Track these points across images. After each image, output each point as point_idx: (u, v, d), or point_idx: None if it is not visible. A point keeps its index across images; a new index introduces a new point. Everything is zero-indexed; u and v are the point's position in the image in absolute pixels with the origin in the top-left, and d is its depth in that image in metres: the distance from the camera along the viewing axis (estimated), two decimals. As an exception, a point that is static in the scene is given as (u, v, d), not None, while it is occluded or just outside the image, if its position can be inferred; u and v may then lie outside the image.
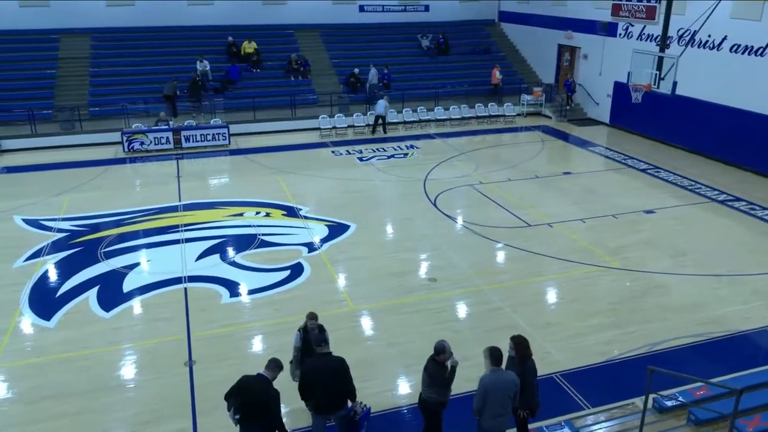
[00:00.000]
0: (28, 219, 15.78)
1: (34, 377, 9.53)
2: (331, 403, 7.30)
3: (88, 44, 27.11)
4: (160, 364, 9.82)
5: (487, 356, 6.89)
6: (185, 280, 12.54)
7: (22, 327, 10.94)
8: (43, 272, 12.95)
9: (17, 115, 23.08)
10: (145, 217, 15.92)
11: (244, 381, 7.02)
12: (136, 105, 24.24)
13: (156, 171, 20.48)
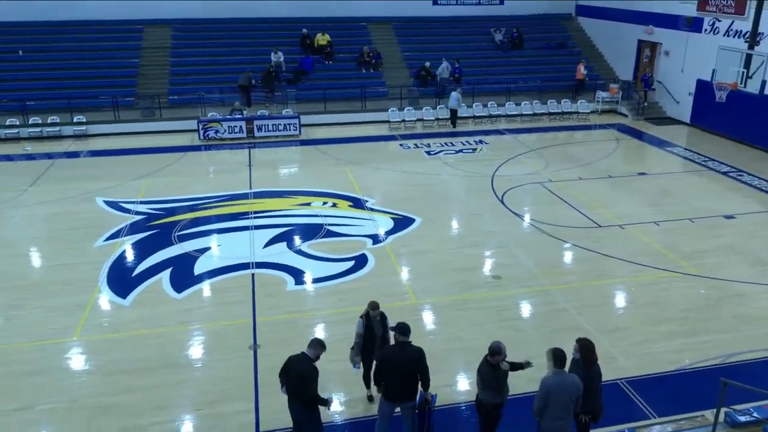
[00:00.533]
0: (109, 201, 16.57)
1: (110, 352, 10.01)
2: (404, 392, 7.41)
3: (170, 35, 28.13)
4: (226, 346, 10.13)
5: (550, 357, 6.76)
6: (253, 266, 12.86)
7: (100, 303, 11.51)
8: (121, 252, 13.57)
9: (102, 102, 24.23)
10: (217, 204, 16.42)
11: (289, 360, 7.31)
12: (213, 94, 24.98)
13: (229, 159, 21.06)
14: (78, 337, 10.37)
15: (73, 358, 9.90)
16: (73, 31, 27.32)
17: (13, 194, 17.05)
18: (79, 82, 25.11)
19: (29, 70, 25.37)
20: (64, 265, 12.97)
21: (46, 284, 12.27)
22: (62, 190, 17.43)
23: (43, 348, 10.07)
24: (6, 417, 8.48)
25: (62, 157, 20.88)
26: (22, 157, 20.98)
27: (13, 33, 26.65)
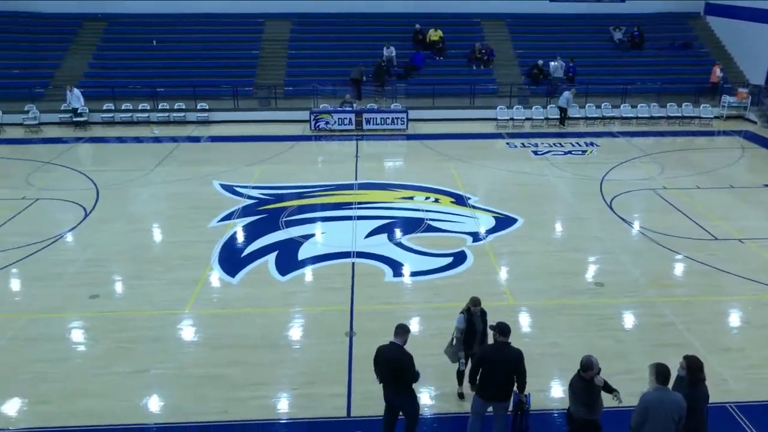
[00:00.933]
0: (224, 184, 17.46)
1: (217, 326, 10.59)
2: (499, 392, 7.39)
3: (289, 28, 29.16)
4: (324, 331, 10.43)
5: (653, 373, 6.42)
6: (354, 255, 13.13)
7: (211, 280, 12.18)
8: (233, 233, 14.28)
9: (224, 91, 25.54)
10: (324, 193, 16.88)
11: (379, 350, 7.47)
12: (325, 87, 25.65)
13: (337, 150, 21.56)
14: (189, 310, 11.04)
15: (184, 329, 10.55)
16: (200, 23, 28.95)
17: (141, 173, 18.37)
18: (204, 72, 26.61)
19: (161, 59, 27.18)
20: (182, 242, 13.84)
21: (166, 258, 13.15)
22: (184, 172, 18.58)
23: (160, 317, 10.81)
24: (124, 377, 9.20)
25: (185, 141, 22.24)
26: (151, 139, 22.54)
27: (149, 24, 28.65)
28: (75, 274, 12.31)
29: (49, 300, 11.34)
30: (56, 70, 26.56)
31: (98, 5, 28.90)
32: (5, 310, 11.04)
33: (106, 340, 10.15)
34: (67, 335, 10.35)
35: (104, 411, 8.47)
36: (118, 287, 12.07)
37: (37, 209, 15.67)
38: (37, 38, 28.03)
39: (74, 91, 23.44)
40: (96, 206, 15.83)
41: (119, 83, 25.42)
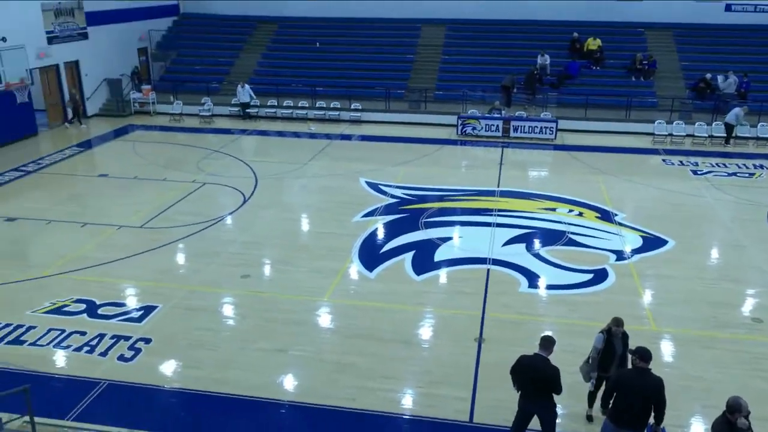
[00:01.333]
0: (370, 182, 18.01)
1: (352, 317, 10.96)
2: (634, 420, 6.99)
3: (443, 33, 29.38)
4: (453, 334, 10.42)
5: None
6: (489, 262, 12.98)
7: (350, 272, 12.63)
8: (374, 230, 14.69)
9: (377, 93, 26.32)
10: (465, 197, 16.84)
11: (524, 360, 7.35)
12: (475, 92, 25.54)
13: (482, 156, 21.40)
14: (328, 299, 11.53)
15: (322, 315, 11.04)
16: (361, 27, 30.04)
17: (296, 166, 19.46)
18: (360, 73, 27.58)
19: (322, 60, 28.56)
20: (327, 233, 14.48)
21: (311, 247, 13.84)
22: (334, 167, 19.41)
23: (301, 302, 11.40)
24: (266, 354, 9.82)
25: (338, 138, 23.21)
26: (307, 135, 23.78)
27: (315, 27, 30.22)
28: (231, 254, 13.34)
29: (208, 275, 12.38)
30: (231, 67, 28.88)
31: (271, 9, 30.98)
32: (171, 279, 12.22)
33: (253, 318, 10.89)
34: (220, 309, 11.24)
35: (246, 383, 9.10)
36: (267, 270, 12.90)
37: (204, 192, 17.16)
38: (217, 38, 30.65)
39: (245, 87, 25.34)
40: (254, 193, 17.01)
41: (283, 81, 27.07)
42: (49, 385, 9.04)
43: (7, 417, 7.86)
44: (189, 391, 8.95)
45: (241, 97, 25.37)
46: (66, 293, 11.54)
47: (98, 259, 12.98)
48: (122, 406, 8.67)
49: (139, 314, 10.87)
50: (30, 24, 22.02)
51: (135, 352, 9.79)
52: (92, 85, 25.72)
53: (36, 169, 19.11)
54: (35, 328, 10.41)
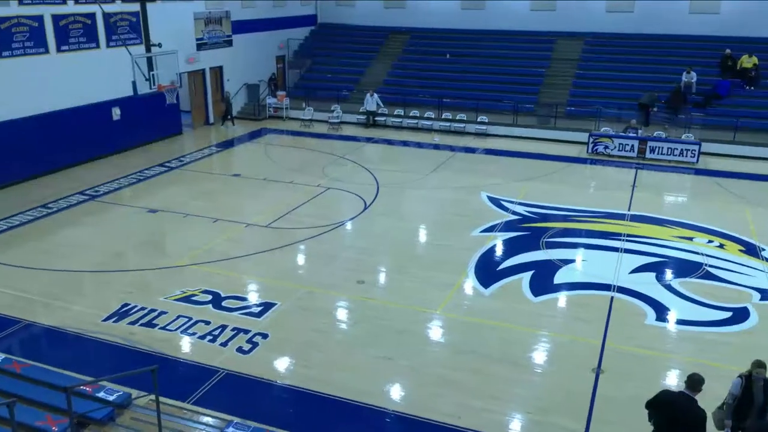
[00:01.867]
0: (491, 197, 17.79)
1: (462, 332, 10.87)
2: None
3: (580, 47, 28.46)
4: (569, 361, 10.02)
5: None
6: (614, 289, 12.36)
7: (464, 287, 12.54)
8: (492, 246, 14.48)
9: (505, 106, 25.99)
10: (591, 218, 16.17)
11: (666, 396, 6.91)
12: (609, 109, 24.50)
13: (613, 176, 20.48)
14: (440, 312, 11.51)
15: (432, 328, 11.04)
16: (493, 39, 29.80)
17: (418, 176, 19.66)
18: (489, 86, 27.37)
19: (450, 71, 28.67)
20: (443, 246, 14.48)
21: (426, 258, 13.92)
22: (455, 180, 19.39)
23: (413, 313, 11.47)
24: (374, 361, 9.98)
25: (461, 150, 23.17)
26: (431, 146, 23.96)
27: (446, 38, 30.43)
28: (348, 259, 13.71)
29: (324, 278, 12.81)
30: (361, 76, 29.78)
31: (404, 20, 31.62)
32: (290, 279, 12.76)
33: (365, 323, 11.11)
34: (334, 312, 11.58)
35: (352, 387, 9.29)
36: (381, 277, 13.14)
37: (327, 197, 17.79)
38: (350, 47, 31.77)
39: (374, 96, 26.03)
40: (375, 201, 17.38)
41: (411, 91, 27.48)
42: (173, 368, 9.75)
43: (135, 393, 8.58)
44: (298, 389, 9.28)
45: (368, 106, 26.08)
46: (196, 283, 12.41)
47: (226, 253, 13.85)
48: (237, 395, 9.16)
49: (259, 310, 11.46)
50: (183, 31, 24.01)
51: (252, 346, 10.32)
52: (232, 89, 27.54)
53: (178, 165, 20.76)
54: (166, 313, 11.28)
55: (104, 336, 10.57)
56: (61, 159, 19.66)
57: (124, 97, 20.90)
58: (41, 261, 13.43)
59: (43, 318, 11.17)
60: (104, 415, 7.96)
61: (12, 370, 8.90)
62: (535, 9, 29.44)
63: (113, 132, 21.53)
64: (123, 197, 17.69)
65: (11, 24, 17.74)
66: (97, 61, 20.52)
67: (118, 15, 21.23)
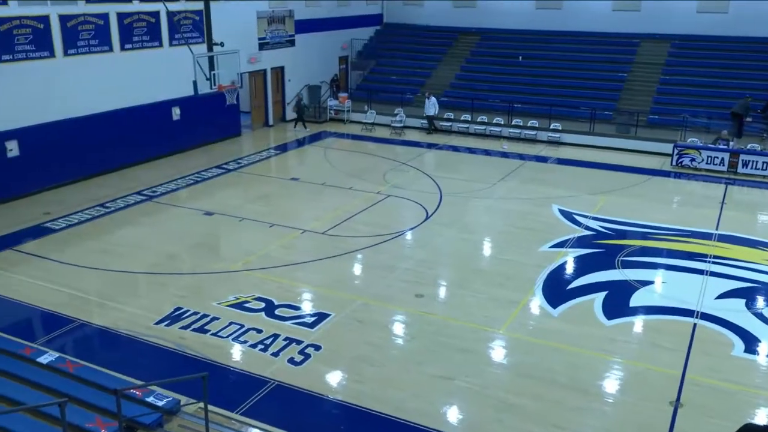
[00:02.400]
0: (563, 210, 17.44)
1: (527, 354, 10.67)
2: None
3: (666, 50, 27.63)
4: (643, 391, 9.68)
5: None
6: (697, 316, 11.88)
7: (531, 306, 12.31)
8: (562, 263, 14.18)
9: (580, 113, 25.48)
10: (673, 237, 15.62)
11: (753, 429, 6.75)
12: (698, 119, 23.66)
13: (699, 192, 19.76)
14: (504, 331, 11.34)
15: (495, 348, 10.89)
16: (570, 41, 29.33)
17: (484, 186, 19.49)
18: (563, 91, 26.92)
19: (522, 75, 28.36)
20: (508, 261, 14.29)
21: (490, 273, 13.75)
22: (524, 191, 19.13)
23: (474, 330, 11.35)
24: (431, 380, 9.92)
25: (532, 159, 22.85)
26: (499, 153, 23.73)
27: (519, 40, 30.15)
28: (407, 271, 13.70)
29: (381, 289, 12.84)
30: (427, 78, 29.84)
31: (475, 20, 31.53)
32: (345, 289, 12.86)
33: (422, 339, 11.07)
34: (390, 325, 11.59)
35: (407, 406, 9.25)
36: (441, 291, 13.07)
37: (387, 204, 17.86)
38: (416, 49, 31.89)
39: (431, 99, 26.03)
40: (437, 210, 17.33)
41: (479, 96, 27.33)
42: (223, 376, 9.97)
43: (184, 400, 8.82)
44: (349, 405, 9.32)
45: (427, 110, 26.06)
46: (249, 289, 12.68)
47: (281, 260, 14.10)
48: (286, 408, 9.28)
49: (312, 320, 11.59)
50: (245, 30, 24.71)
51: (304, 357, 10.44)
52: (294, 90, 28.10)
53: (236, 168, 21.31)
54: (218, 319, 11.57)
55: (155, 339, 10.93)
56: (120, 158, 20.52)
57: (185, 97, 21.62)
58: (98, 260, 14.02)
59: (96, 318, 11.65)
60: (153, 420, 8.22)
61: (65, 369, 9.32)
62: (617, 9, 28.81)
63: (172, 132, 22.32)
64: (180, 198, 18.29)
65: (77, 22, 18.70)
66: (159, 60, 21.37)
67: (182, 13, 22.05)
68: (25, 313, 11.93)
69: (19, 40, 17.25)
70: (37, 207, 17.16)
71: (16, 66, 17.26)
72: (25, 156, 17.71)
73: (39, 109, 17.89)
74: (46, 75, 18.05)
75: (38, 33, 17.69)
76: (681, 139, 22.75)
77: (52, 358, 9.60)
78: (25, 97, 17.53)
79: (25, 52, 17.45)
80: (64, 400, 7.38)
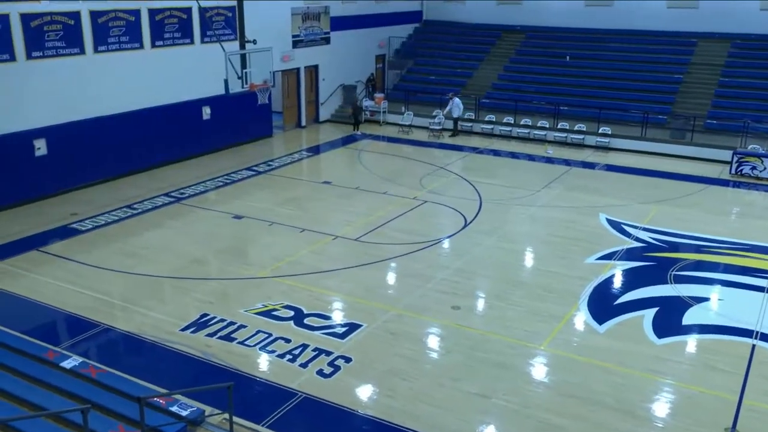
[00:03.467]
0: (611, 219, 17.20)
1: (570, 372, 10.53)
2: None
3: (726, 51, 27.11)
4: (696, 416, 9.47)
5: None
6: (756, 336, 11.58)
7: (575, 321, 12.16)
8: (610, 276, 13.98)
9: (632, 116, 25.13)
10: (731, 251, 15.28)
11: None
12: (760, 124, 23.13)
13: (760, 203, 19.33)
14: (545, 348, 11.22)
15: (535, 365, 10.78)
16: (622, 41, 29.00)
17: (526, 193, 19.34)
18: (614, 93, 26.58)
19: (569, 76, 28.12)
20: (551, 272, 14.13)
21: (532, 285, 13.62)
22: (570, 198, 18.92)
23: (513, 346, 11.25)
24: (467, 397, 9.86)
25: (579, 165, 22.59)
26: (543, 159, 23.53)
27: (566, 39, 29.93)
28: (443, 281, 13.66)
29: (416, 300, 12.83)
30: (468, 79, 29.78)
31: (520, 17, 31.40)
32: (378, 299, 12.88)
33: (458, 354, 11.01)
34: (424, 338, 11.56)
35: (440, 424, 9.21)
36: (479, 303, 13.00)
37: (423, 210, 17.84)
38: (457, 47, 31.89)
39: (455, 100, 25.96)
40: (476, 218, 17.25)
41: (523, 97, 27.16)
42: (249, 386, 10.06)
43: (209, 410, 8.92)
44: (380, 420, 9.31)
45: (452, 111, 26.00)
46: (278, 297, 12.78)
47: (311, 267, 14.19)
48: (314, 422, 9.32)
49: (343, 330, 11.63)
50: (278, 27, 24.99)
51: (334, 369, 10.47)
52: (328, 90, 28.31)
53: (266, 170, 21.54)
54: (245, 327, 11.68)
55: (180, 346, 11.08)
56: (149, 158, 20.94)
57: (215, 96, 21.94)
58: (124, 264, 14.30)
59: (121, 323, 11.88)
60: (177, 430, 8.33)
61: (88, 374, 9.52)
62: (673, 7, 28.39)
63: (202, 132, 22.69)
64: (208, 201, 18.56)
65: (109, 18, 19.17)
66: (190, 57, 21.76)
67: (214, 10, 22.43)
68: (49, 315, 12.23)
69: (50, 36, 17.75)
70: (64, 207, 17.61)
71: (46, 63, 17.76)
72: (53, 155, 18.20)
73: (67, 107, 18.37)
74: (76, 72, 18.53)
75: (69, 29, 18.18)
76: (741, 146, 22.27)
77: (75, 363, 9.82)
78: (54, 95, 18.02)
79: (55, 49, 17.94)
80: (87, 406, 7.54)
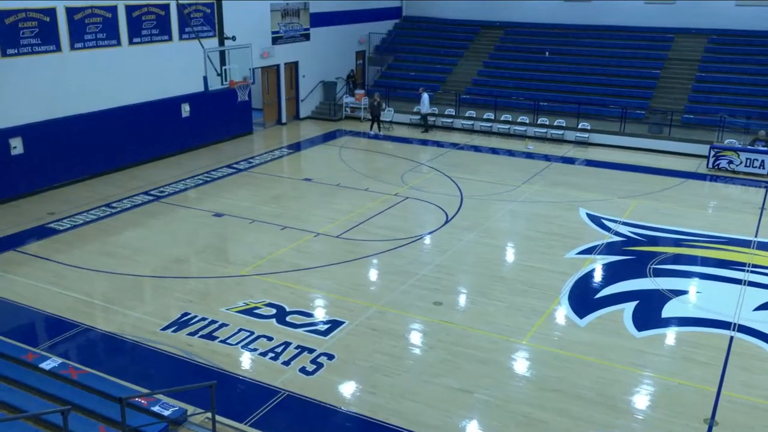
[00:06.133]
0: (591, 214, 17.33)
1: (551, 367, 10.60)
2: None
3: (702, 46, 27.42)
4: (675, 408, 9.59)
5: None
6: (734, 328, 11.75)
7: (556, 316, 12.25)
8: (590, 270, 14.09)
9: (610, 111, 25.34)
10: (709, 244, 15.47)
11: None
12: (736, 118, 23.43)
13: (737, 196, 19.56)
14: (527, 342, 11.29)
15: (517, 360, 10.84)
16: (600, 36, 29.22)
17: (507, 188, 19.43)
18: (592, 89, 26.78)
19: (549, 72, 28.29)
20: (532, 267, 14.22)
21: (513, 280, 13.68)
22: (550, 194, 19.04)
23: (495, 341, 11.30)
24: (449, 392, 9.89)
25: (558, 161, 22.73)
26: (523, 154, 23.64)
27: (545, 35, 30.09)
28: (425, 277, 13.69)
29: (398, 296, 12.84)
30: (449, 74, 29.83)
31: (499, 13, 31.50)
32: (360, 296, 12.88)
33: (440, 350, 11.04)
34: (407, 334, 11.58)
35: (422, 420, 9.23)
36: (461, 299, 13.04)
37: (405, 207, 17.86)
38: (437, 43, 31.94)
39: (424, 95, 26.02)
40: (458, 214, 17.30)
41: (503, 93, 27.27)
42: (232, 385, 10.02)
43: (191, 409, 8.87)
44: (363, 417, 9.32)
45: (422, 107, 26.05)
46: (259, 295, 12.74)
47: (293, 264, 14.15)
48: (297, 419, 9.30)
49: (326, 327, 11.61)
50: (257, 24, 24.85)
51: (317, 367, 10.46)
52: (308, 87, 28.21)
53: (247, 167, 21.44)
54: (227, 326, 11.63)
55: (162, 346, 11.01)
56: (127, 156, 20.75)
57: (194, 93, 21.78)
58: (103, 263, 14.16)
59: (101, 323, 11.76)
60: (159, 430, 8.28)
61: (68, 375, 9.42)
62: (650, 2, 28.64)
63: (182, 129, 22.52)
64: (188, 199, 18.43)
65: (85, 15, 18.93)
66: (168, 54, 21.56)
67: (193, 6, 22.24)
68: (28, 316, 12.08)
69: (25, 34, 17.50)
70: (41, 206, 17.39)
71: (21, 60, 17.50)
72: (30, 154, 17.96)
73: (44, 105, 18.14)
74: (52, 70, 18.29)
75: (44, 26, 17.94)
76: (718, 140, 22.55)
77: (55, 364, 9.71)
78: (30, 93, 17.78)
79: (31, 46, 17.68)
80: (67, 408, 7.46)
